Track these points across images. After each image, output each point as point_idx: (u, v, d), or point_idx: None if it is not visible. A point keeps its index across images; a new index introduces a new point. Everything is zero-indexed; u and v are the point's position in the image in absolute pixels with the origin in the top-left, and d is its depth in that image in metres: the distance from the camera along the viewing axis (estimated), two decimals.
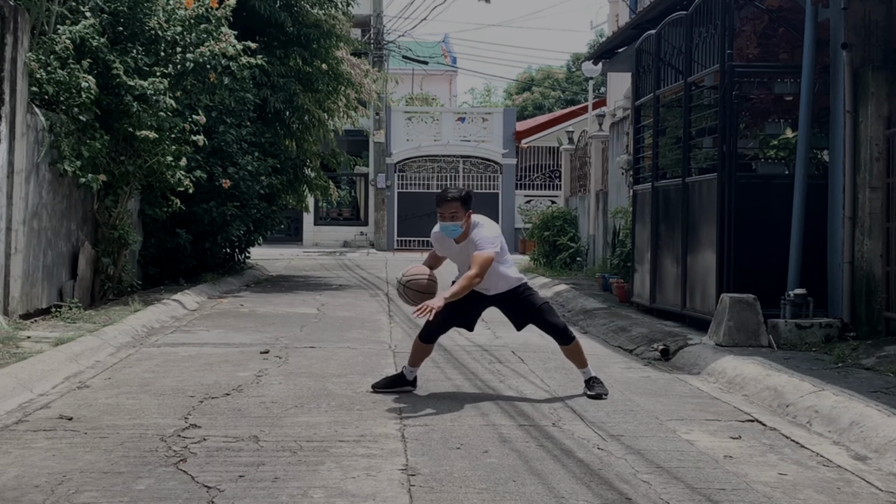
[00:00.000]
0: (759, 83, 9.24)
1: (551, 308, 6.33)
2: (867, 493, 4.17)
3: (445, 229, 5.98)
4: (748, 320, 7.89)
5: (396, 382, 6.26)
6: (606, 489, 4.09)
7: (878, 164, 8.06)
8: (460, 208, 5.91)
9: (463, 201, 5.94)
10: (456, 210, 5.91)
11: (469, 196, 6.03)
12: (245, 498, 3.86)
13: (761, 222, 8.83)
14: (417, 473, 4.27)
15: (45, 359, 6.71)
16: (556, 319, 6.27)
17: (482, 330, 9.79)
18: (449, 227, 5.95)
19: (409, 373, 6.29)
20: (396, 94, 34.46)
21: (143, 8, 10.33)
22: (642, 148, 11.60)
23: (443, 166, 29.91)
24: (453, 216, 5.93)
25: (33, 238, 9.04)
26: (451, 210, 5.93)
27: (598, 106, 21.34)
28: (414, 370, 6.30)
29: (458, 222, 5.92)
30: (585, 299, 12.40)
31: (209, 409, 5.57)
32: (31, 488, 3.95)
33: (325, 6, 15.59)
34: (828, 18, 8.68)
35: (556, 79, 44.72)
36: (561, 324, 6.27)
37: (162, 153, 10.62)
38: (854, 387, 5.95)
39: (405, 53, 31.91)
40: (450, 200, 5.94)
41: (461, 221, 5.93)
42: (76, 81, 9.26)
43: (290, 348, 8.01)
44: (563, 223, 18.85)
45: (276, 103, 14.90)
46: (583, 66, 21.10)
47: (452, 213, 5.93)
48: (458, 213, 5.91)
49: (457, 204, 5.91)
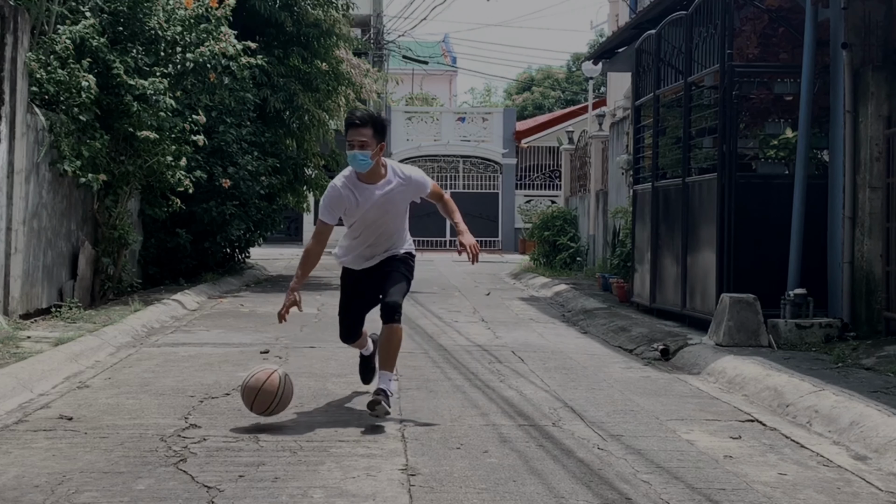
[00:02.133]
0: (759, 83, 9.25)
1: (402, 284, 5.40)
2: (867, 493, 4.17)
3: (353, 159, 5.16)
4: (748, 320, 7.89)
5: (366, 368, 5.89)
6: (606, 489, 4.09)
7: (878, 164, 8.06)
8: (372, 137, 5.14)
9: (375, 128, 5.17)
10: (366, 138, 5.13)
11: (383, 125, 5.28)
12: (245, 498, 3.86)
13: (761, 222, 8.82)
14: (417, 473, 4.27)
15: (45, 359, 6.71)
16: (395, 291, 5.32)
17: (482, 330, 9.80)
18: (357, 155, 5.13)
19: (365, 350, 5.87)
20: (396, 94, 34.49)
21: (143, 8, 10.33)
22: (642, 148, 11.60)
23: (443, 166, 29.92)
24: (363, 144, 5.13)
25: (33, 238, 9.04)
26: (361, 137, 5.13)
27: (598, 106, 21.34)
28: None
29: (367, 151, 5.13)
30: (585, 299, 12.41)
31: (209, 409, 5.57)
32: (31, 488, 3.94)
33: (325, 6, 15.58)
34: (828, 18, 8.68)
35: (556, 79, 44.72)
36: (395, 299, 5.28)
37: (162, 153, 10.62)
38: (854, 387, 5.95)
39: (405, 53, 31.90)
40: (359, 125, 5.15)
41: (371, 151, 5.15)
42: (76, 81, 9.26)
43: (291, 348, 8.01)
44: (563, 223, 18.86)
45: (275, 103, 14.90)
46: (583, 66, 21.11)
47: (362, 142, 5.13)
48: (369, 141, 5.13)
49: (368, 130, 5.14)
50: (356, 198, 5.26)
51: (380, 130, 5.19)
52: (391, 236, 5.43)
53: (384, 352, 5.33)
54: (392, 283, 5.34)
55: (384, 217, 5.33)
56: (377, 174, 5.26)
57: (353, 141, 5.13)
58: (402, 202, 5.39)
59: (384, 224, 5.36)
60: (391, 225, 5.41)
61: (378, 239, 5.42)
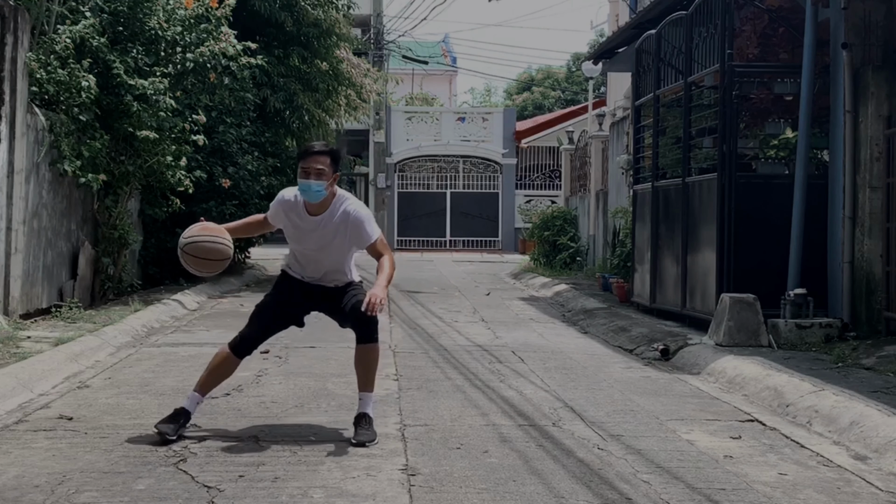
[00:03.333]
0: (759, 83, 9.25)
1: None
2: (867, 493, 4.17)
3: (307, 189, 4.85)
4: (748, 320, 7.89)
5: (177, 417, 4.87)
6: (607, 489, 4.09)
7: (878, 163, 8.06)
8: (329, 166, 4.89)
9: (333, 158, 4.94)
10: (324, 167, 4.86)
11: (339, 157, 5.05)
12: (245, 498, 3.86)
13: (761, 222, 8.83)
14: (417, 473, 4.27)
15: (45, 359, 6.71)
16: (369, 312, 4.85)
17: (482, 330, 9.80)
18: (312, 185, 4.83)
19: (194, 405, 4.94)
20: (396, 94, 34.46)
21: (143, 8, 10.33)
22: (642, 148, 11.61)
23: (443, 166, 29.90)
24: (319, 173, 4.85)
25: (33, 238, 9.04)
26: (318, 166, 4.85)
27: (598, 106, 21.34)
28: (201, 400, 4.99)
29: (322, 182, 4.85)
30: (585, 299, 12.41)
31: (209, 408, 5.57)
32: (31, 488, 3.95)
33: (325, 6, 15.58)
34: (828, 18, 8.68)
35: (556, 79, 44.72)
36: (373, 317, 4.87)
37: (162, 153, 10.61)
38: (854, 387, 5.95)
39: (405, 53, 31.88)
40: (318, 153, 4.90)
41: (326, 183, 4.88)
42: (76, 81, 9.26)
43: (290, 348, 8.01)
44: (563, 223, 18.86)
45: (275, 103, 14.89)
46: (583, 66, 21.11)
47: (319, 171, 4.85)
48: (326, 172, 4.87)
49: (326, 159, 4.89)
50: (298, 222, 5.00)
51: (336, 161, 4.95)
52: (334, 270, 5.08)
53: (364, 371, 5.01)
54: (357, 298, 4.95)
55: (323, 250, 5.00)
56: (323, 206, 4.94)
57: (310, 168, 4.83)
58: (339, 242, 4.99)
59: (324, 256, 5.03)
60: (330, 259, 5.04)
61: (318, 266, 5.07)
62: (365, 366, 5.00)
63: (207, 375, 4.99)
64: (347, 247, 5.04)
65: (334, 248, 5.01)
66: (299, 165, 4.89)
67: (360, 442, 4.77)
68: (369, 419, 4.95)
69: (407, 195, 29.66)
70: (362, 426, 4.89)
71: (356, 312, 4.87)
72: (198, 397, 4.94)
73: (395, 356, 7.81)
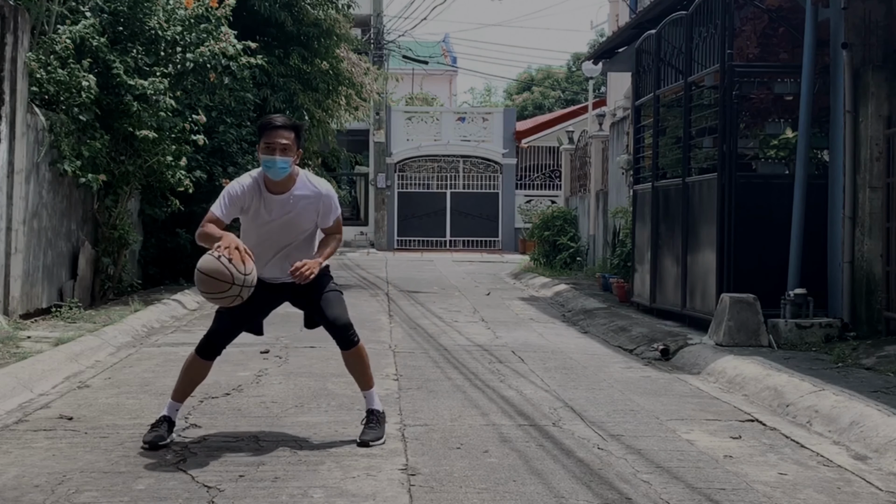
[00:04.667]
0: (759, 83, 9.25)
1: (340, 298, 4.86)
2: (867, 492, 4.17)
3: (272, 165, 4.56)
4: (748, 320, 7.89)
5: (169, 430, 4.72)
6: (606, 489, 4.09)
7: (878, 163, 8.06)
8: (293, 141, 4.62)
9: (297, 133, 4.66)
10: (288, 142, 4.59)
11: (302, 131, 4.77)
12: (245, 498, 3.86)
13: (761, 222, 8.83)
14: (417, 473, 4.27)
15: (45, 359, 6.71)
16: (338, 313, 4.77)
17: (482, 330, 9.80)
18: (278, 161, 4.55)
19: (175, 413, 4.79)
20: (396, 93, 34.47)
21: (143, 8, 10.33)
22: (642, 148, 11.61)
23: (443, 166, 29.90)
24: (284, 149, 4.56)
25: (33, 238, 9.04)
26: (283, 140, 4.56)
27: (598, 106, 21.34)
28: (179, 406, 4.82)
29: (288, 158, 4.58)
30: (585, 299, 12.41)
31: (209, 408, 5.57)
32: (31, 488, 3.95)
33: (325, 6, 15.58)
34: (828, 18, 8.68)
35: (556, 79, 44.72)
36: (343, 319, 4.76)
37: (162, 153, 10.62)
38: (854, 387, 5.95)
39: (405, 53, 31.89)
40: (281, 126, 4.61)
41: (292, 158, 4.61)
42: (76, 81, 9.26)
43: (290, 348, 8.01)
44: (563, 223, 18.87)
45: (275, 103, 14.89)
46: (583, 66, 21.10)
47: (284, 146, 4.56)
48: (290, 147, 4.60)
49: (290, 133, 4.61)
50: (259, 205, 4.69)
51: (300, 136, 4.69)
52: (299, 255, 4.75)
53: (358, 373, 4.92)
54: (328, 305, 4.77)
55: (288, 231, 4.73)
56: (286, 183, 4.68)
57: (274, 143, 4.55)
58: (307, 219, 4.74)
59: (287, 240, 4.75)
60: (296, 241, 4.77)
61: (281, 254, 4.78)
62: (355, 368, 4.92)
63: (179, 382, 4.81)
64: (314, 227, 4.80)
65: (300, 228, 4.74)
66: (262, 141, 4.60)
67: (363, 442, 4.73)
68: (378, 415, 4.90)
69: (407, 195, 29.66)
70: (369, 424, 4.84)
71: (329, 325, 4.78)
72: (176, 405, 4.79)
73: (395, 356, 7.81)
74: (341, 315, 4.78)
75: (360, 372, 4.93)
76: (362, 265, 21.30)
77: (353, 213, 32.89)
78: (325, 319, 4.78)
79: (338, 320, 4.75)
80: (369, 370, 4.98)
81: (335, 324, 4.74)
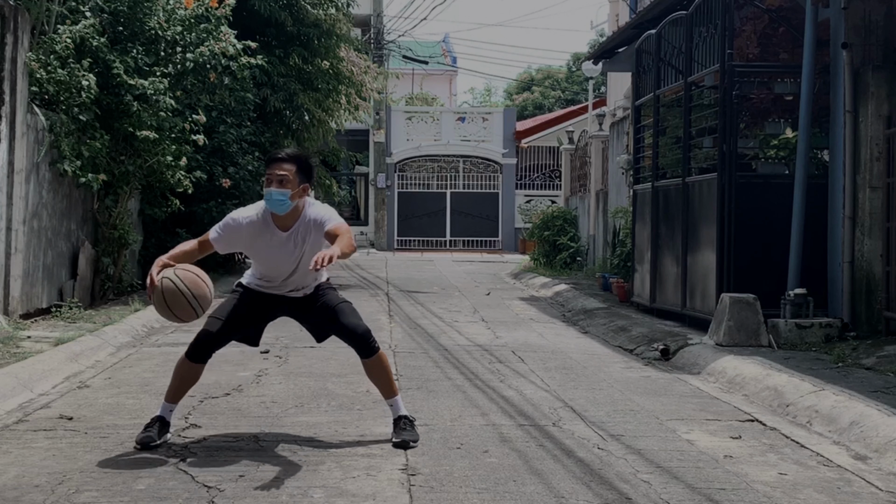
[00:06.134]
0: (759, 83, 9.24)
1: (352, 308, 4.87)
2: (867, 492, 4.17)
3: (269, 197, 4.54)
4: (748, 320, 7.89)
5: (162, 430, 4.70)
6: (606, 489, 4.09)
7: (878, 163, 8.06)
8: (294, 174, 4.57)
9: (300, 167, 4.60)
10: (287, 174, 4.55)
11: (309, 165, 4.69)
12: (245, 498, 3.86)
13: (761, 222, 8.83)
14: (417, 473, 4.27)
15: (46, 359, 6.71)
16: (355, 321, 4.78)
17: (482, 329, 9.80)
18: (273, 193, 4.52)
19: (169, 413, 4.77)
20: (396, 93, 34.46)
21: (143, 8, 10.33)
22: (642, 148, 11.61)
23: (443, 166, 29.90)
24: (282, 181, 4.53)
25: (33, 238, 9.04)
26: (281, 172, 4.54)
27: (598, 106, 21.34)
28: (174, 408, 4.81)
29: (286, 190, 4.53)
30: (585, 299, 12.41)
31: (209, 408, 5.57)
32: (32, 488, 3.95)
33: (325, 6, 15.58)
34: (828, 18, 8.68)
35: (556, 79, 44.73)
36: (362, 327, 4.77)
37: (162, 153, 10.62)
38: (854, 386, 5.95)
39: (405, 53, 31.90)
40: (281, 159, 4.60)
41: (291, 192, 4.55)
42: (76, 81, 9.26)
43: (290, 348, 8.01)
44: (563, 223, 18.86)
45: (276, 103, 14.90)
46: (583, 66, 21.10)
47: (281, 178, 4.54)
48: (289, 179, 4.55)
49: (291, 166, 4.57)
50: (269, 241, 4.66)
51: (304, 169, 4.61)
52: (310, 280, 4.80)
53: (381, 382, 4.88)
54: (343, 314, 4.77)
55: (294, 265, 4.70)
56: (292, 218, 4.64)
57: (272, 175, 4.53)
58: (310, 252, 4.64)
59: (297, 270, 4.73)
60: (304, 270, 4.72)
61: (288, 280, 4.79)
62: (378, 377, 4.86)
63: (171, 384, 4.79)
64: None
65: (307, 259, 4.63)
66: (265, 173, 4.64)
67: (404, 442, 4.69)
68: (408, 420, 4.86)
69: (407, 195, 29.65)
70: (401, 426, 4.80)
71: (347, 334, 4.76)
72: (169, 405, 4.77)
73: (395, 356, 7.81)
74: (359, 323, 4.76)
75: (383, 380, 4.86)
76: (362, 265, 21.29)
77: (353, 213, 32.90)
78: (343, 329, 4.75)
79: (357, 328, 4.73)
80: (392, 377, 4.93)
81: (355, 332, 4.72)
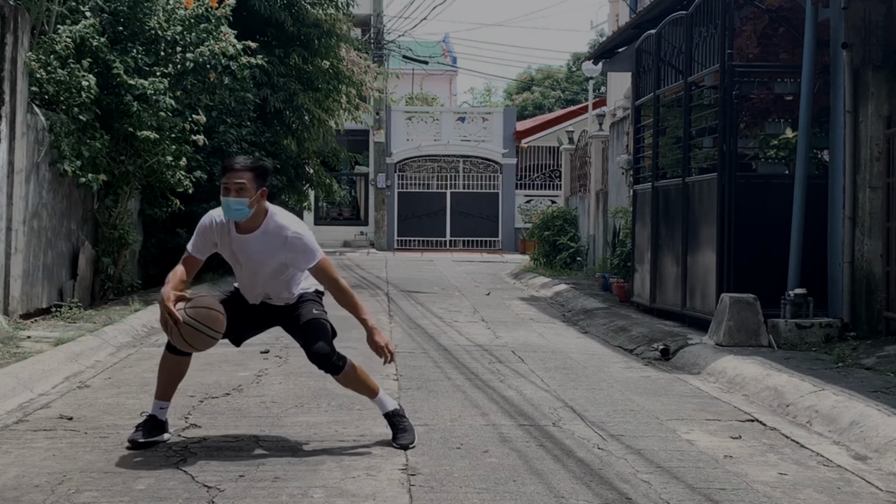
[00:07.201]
0: (759, 83, 9.25)
1: (321, 324, 4.72)
2: (867, 492, 4.17)
3: (227, 207, 4.52)
4: (748, 320, 7.89)
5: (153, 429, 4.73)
6: (606, 489, 4.09)
7: (878, 163, 8.06)
8: (252, 182, 4.51)
9: (257, 173, 4.56)
10: (244, 182, 4.49)
11: (266, 171, 4.65)
12: (245, 498, 3.86)
13: (761, 222, 8.83)
14: (417, 473, 4.27)
15: (46, 359, 6.71)
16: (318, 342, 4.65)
17: (482, 330, 9.80)
18: (231, 203, 4.49)
19: (160, 412, 4.78)
20: (396, 93, 34.47)
21: (143, 8, 10.33)
22: (642, 148, 11.61)
23: (443, 166, 29.89)
24: (240, 189, 4.48)
25: (33, 238, 9.04)
26: (239, 180, 4.49)
27: (598, 106, 21.34)
28: (166, 405, 4.80)
29: (243, 199, 4.49)
30: (585, 299, 12.41)
31: (209, 408, 5.57)
32: (31, 488, 3.95)
33: (325, 6, 15.58)
34: (828, 18, 8.68)
35: (556, 79, 44.71)
36: (324, 349, 4.64)
37: (162, 153, 10.61)
38: (854, 387, 5.95)
39: (405, 53, 31.88)
40: (238, 169, 4.53)
41: (248, 200, 4.50)
42: (76, 81, 9.25)
43: (290, 348, 8.00)
44: (563, 223, 18.87)
45: (276, 103, 14.89)
46: (583, 66, 21.10)
47: (239, 186, 4.48)
48: (247, 187, 4.50)
49: (248, 174, 4.51)
50: (228, 242, 4.67)
51: (260, 174, 4.57)
52: (277, 290, 4.77)
53: (358, 391, 4.89)
54: (308, 333, 4.69)
55: (258, 271, 4.68)
56: (253, 222, 4.60)
57: (229, 184, 4.49)
58: (275, 259, 4.62)
59: (261, 277, 4.71)
60: (269, 280, 4.72)
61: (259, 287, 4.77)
62: (353, 387, 4.85)
63: (158, 381, 4.81)
64: (287, 269, 4.70)
65: (271, 268, 4.65)
66: (221, 182, 4.57)
67: (403, 445, 4.69)
68: (396, 414, 4.84)
69: (407, 195, 29.65)
70: (396, 427, 4.80)
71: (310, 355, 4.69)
72: (160, 403, 4.76)
73: (395, 356, 7.80)
74: (321, 345, 4.64)
75: (360, 389, 4.86)
76: (362, 265, 21.29)
77: (353, 213, 32.89)
78: (306, 348, 4.70)
79: (319, 350, 4.63)
80: (368, 382, 4.85)
81: (317, 354, 4.64)
